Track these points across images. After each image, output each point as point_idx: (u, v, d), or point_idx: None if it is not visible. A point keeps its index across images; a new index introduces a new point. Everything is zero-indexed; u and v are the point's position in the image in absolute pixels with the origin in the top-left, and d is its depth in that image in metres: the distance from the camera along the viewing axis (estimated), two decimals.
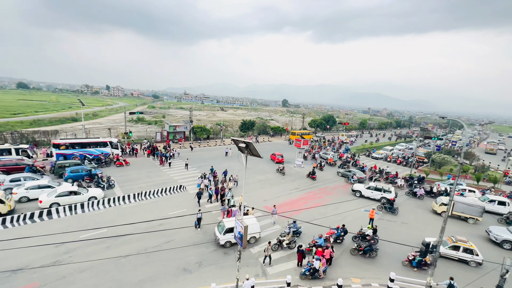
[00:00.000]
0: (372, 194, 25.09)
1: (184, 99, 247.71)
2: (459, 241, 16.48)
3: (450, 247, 16.41)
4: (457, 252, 16.19)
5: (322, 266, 13.39)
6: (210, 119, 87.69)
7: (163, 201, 21.48)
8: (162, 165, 31.20)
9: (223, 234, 15.25)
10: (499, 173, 40.41)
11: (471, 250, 15.98)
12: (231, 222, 15.28)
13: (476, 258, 15.83)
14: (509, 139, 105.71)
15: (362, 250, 15.52)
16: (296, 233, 17.04)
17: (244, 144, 9.39)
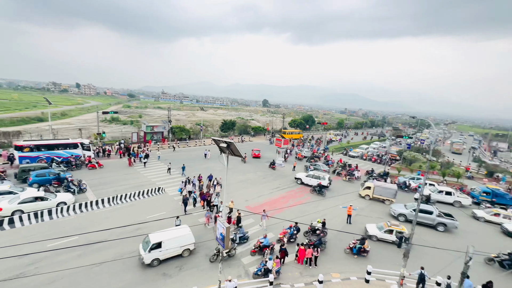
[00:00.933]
0: (310, 181, 28.05)
1: (162, 98, 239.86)
2: (393, 225, 18.15)
3: (385, 231, 18.00)
4: (391, 235, 17.76)
5: (275, 266, 13.17)
6: (189, 119, 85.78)
7: (140, 205, 20.59)
8: (131, 166, 29.99)
9: (148, 251, 13.22)
10: (461, 168, 43.89)
11: (402, 233, 17.50)
12: (158, 236, 13.83)
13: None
14: (469, 137, 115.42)
15: (312, 245, 15.45)
16: (242, 239, 16.17)
17: (225, 144, 9.25)
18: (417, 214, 13.72)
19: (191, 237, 14.72)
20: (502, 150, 77.50)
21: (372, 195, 25.97)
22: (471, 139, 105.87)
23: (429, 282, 13.57)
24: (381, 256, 16.40)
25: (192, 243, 14.70)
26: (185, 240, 14.44)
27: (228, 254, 14.73)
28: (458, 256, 14.97)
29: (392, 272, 14.39)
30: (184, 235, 14.49)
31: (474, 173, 43.33)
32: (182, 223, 16.64)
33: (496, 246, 18.27)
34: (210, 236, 16.51)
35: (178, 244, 14.21)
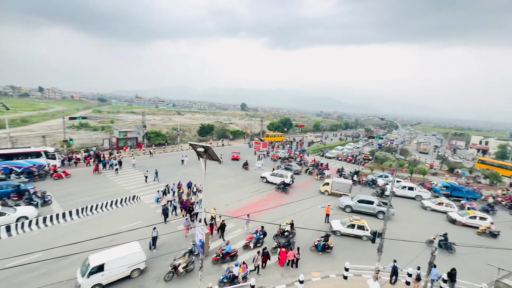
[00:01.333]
0: (274, 179, 29.59)
1: (136, 102, 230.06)
2: (354, 220, 19.29)
3: (348, 226, 19.08)
4: (353, 229, 18.92)
5: (241, 272, 12.88)
6: (166, 124, 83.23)
7: (113, 215, 19.47)
8: (97, 173, 28.53)
9: (88, 276, 11.57)
10: (427, 166, 47.42)
11: (363, 226, 18.83)
12: (100, 257, 12.30)
13: (367, 233, 18.62)
14: (432, 137, 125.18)
15: (282, 247, 15.41)
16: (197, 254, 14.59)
17: (202, 149, 9.13)
18: (390, 206, 14.53)
19: (142, 255, 13.14)
20: (461, 148, 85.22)
21: (330, 190, 27.87)
22: (434, 139, 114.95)
23: (401, 274, 14.38)
24: (351, 251, 17.11)
25: (142, 261, 13.16)
26: (134, 258, 12.79)
27: (186, 269, 13.47)
28: (418, 246, 16.14)
29: (368, 267, 15.07)
30: (132, 253, 12.83)
31: (438, 169, 47.03)
32: (161, 233, 16.01)
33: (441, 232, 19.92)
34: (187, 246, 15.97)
35: (125, 264, 12.54)
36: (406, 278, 14.27)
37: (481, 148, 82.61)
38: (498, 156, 65.61)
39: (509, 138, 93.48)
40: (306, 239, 18.04)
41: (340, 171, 36.86)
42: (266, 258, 14.31)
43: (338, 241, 18.14)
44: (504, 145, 67.28)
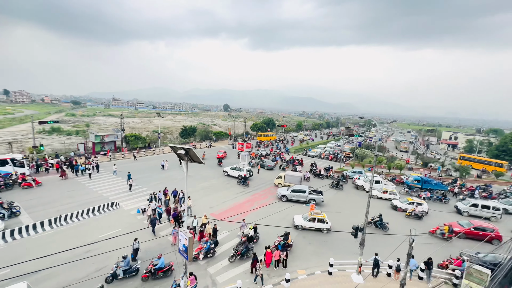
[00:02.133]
0: (233, 173, 31.77)
1: (114, 105, 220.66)
2: (315, 214, 19.73)
3: (309, 220, 19.53)
4: (314, 223, 19.42)
5: (190, 285, 11.98)
6: (146, 127, 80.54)
7: (90, 224, 18.44)
8: (65, 178, 27.39)
9: None
10: (403, 161, 49.82)
11: (323, 220, 19.39)
12: None
13: (326, 226, 19.31)
14: (408, 134, 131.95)
15: (239, 254, 14.97)
16: (129, 272, 13.28)
17: (183, 151, 8.88)
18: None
19: None
20: (433, 143, 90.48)
21: (283, 183, 29.28)
22: (409, 135, 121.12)
23: (383, 266, 14.94)
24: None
25: None
26: None
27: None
28: (402, 239, 16.85)
29: (351, 262, 15.48)
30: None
31: (413, 164, 49.56)
32: (144, 239, 15.38)
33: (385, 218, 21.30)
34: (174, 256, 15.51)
35: None
36: (387, 270, 14.82)
37: (451, 143, 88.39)
38: (467, 150, 70.52)
39: (475, 133, 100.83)
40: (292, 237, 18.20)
41: (312, 166, 38.17)
42: (255, 263, 14.01)
43: (323, 238, 18.50)
44: (471, 140, 72.44)
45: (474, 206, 24.55)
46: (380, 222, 20.44)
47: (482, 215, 23.62)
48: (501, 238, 19.22)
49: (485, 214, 23.85)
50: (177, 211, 18.90)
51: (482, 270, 11.70)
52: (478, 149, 63.62)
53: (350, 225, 14.82)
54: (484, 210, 24.04)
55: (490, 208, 24.00)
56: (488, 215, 23.80)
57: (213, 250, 15.64)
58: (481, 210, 24.11)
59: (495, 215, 23.71)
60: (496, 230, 19.54)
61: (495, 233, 19.29)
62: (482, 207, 24.20)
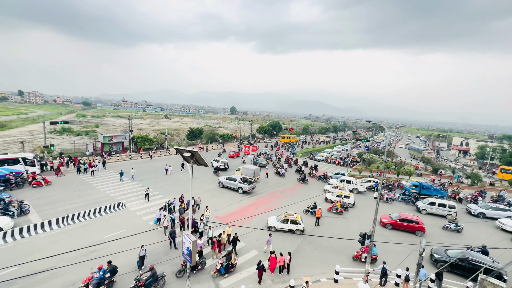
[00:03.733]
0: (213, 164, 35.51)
1: (123, 106, 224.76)
2: (288, 215, 19.45)
3: (282, 221, 19.22)
4: (287, 224, 19.11)
5: None
6: (153, 128, 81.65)
7: (97, 224, 18.61)
8: (58, 176, 28.17)
9: None
10: (412, 167, 48.76)
11: (296, 221, 19.06)
12: None
13: (299, 227, 19.02)
14: (416, 139, 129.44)
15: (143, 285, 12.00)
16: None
17: (189, 153, 8.84)
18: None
19: None
20: (443, 149, 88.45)
21: (241, 174, 31.89)
22: (418, 140, 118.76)
23: (391, 275, 14.49)
24: (341, 254, 17.12)
25: None
26: None
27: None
28: (413, 249, 16.33)
29: (357, 270, 15.08)
30: None
31: (423, 170, 48.43)
32: (155, 246, 15.39)
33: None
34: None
35: None
36: (395, 280, 14.37)
37: (462, 149, 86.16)
38: (478, 157, 68.53)
39: (487, 139, 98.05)
40: (297, 243, 17.92)
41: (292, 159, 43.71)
42: (262, 272, 13.80)
43: (329, 244, 18.10)
44: (483, 146, 70.37)
45: (431, 204, 25.59)
46: (314, 210, 22.58)
47: (439, 213, 25.04)
48: (424, 229, 20.68)
49: (441, 212, 25.03)
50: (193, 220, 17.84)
51: (499, 284, 11.18)
52: (490, 155, 61.74)
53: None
54: (441, 208, 25.12)
55: (446, 206, 24.99)
56: (444, 213, 24.91)
57: (113, 280, 12.46)
58: (437, 208, 25.22)
59: (451, 212, 24.70)
60: (420, 222, 20.90)
61: (419, 225, 20.75)
62: (439, 205, 25.24)
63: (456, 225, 22.20)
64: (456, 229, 21.98)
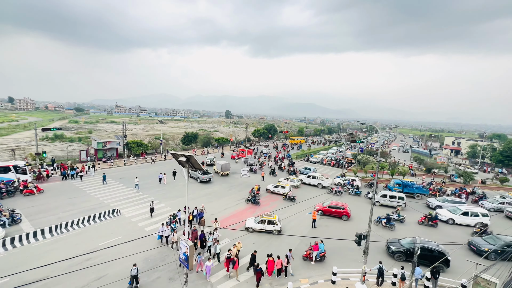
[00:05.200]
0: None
1: (116, 112, 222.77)
2: (265, 216, 19.49)
3: (259, 222, 19.23)
4: (264, 224, 19.17)
5: None
6: (148, 133, 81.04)
7: (91, 231, 18.32)
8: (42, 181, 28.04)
9: None
10: (406, 167, 49.42)
11: (273, 221, 19.15)
12: None
13: (276, 227, 19.05)
14: (409, 139, 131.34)
15: None
16: None
17: (184, 158, 8.86)
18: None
19: None
20: (436, 149, 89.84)
21: (216, 169, 36.70)
22: (411, 141, 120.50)
23: (387, 275, 14.61)
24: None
25: None
26: None
27: None
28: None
29: (355, 270, 15.17)
30: None
31: (416, 170, 49.11)
32: (151, 253, 15.21)
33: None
34: None
35: None
36: (392, 279, 14.49)
37: (454, 148, 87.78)
38: (470, 156, 69.90)
39: (478, 138, 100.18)
40: (294, 245, 17.94)
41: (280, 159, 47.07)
42: (260, 275, 13.68)
43: (327, 246, 18.14)
44: (474, 145, 71.83)
45: (383, 196, 27.59)
46: (254, 199, 25.53)
47: (390, 204, 26.97)
48: (349, 214, 22.95)
49: (392, 203, 26.93)
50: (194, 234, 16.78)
51: (491, 280, 11.40)
52: (481, 154, 63.07)
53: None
54: (391, 200, 27.12)
55: (396, 198, 27.07)
56: (395, 204, 26.76)
57: None
58: (389, 200, 27.22)
59: (400, 203, 26.63)
60: (345, 208, 23.15)
61: (344, 210, 22.99)
62: (390, 197, 27.35)
63: (398, 215, 23.38)
64: (399, 219, 23.12)
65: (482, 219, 23.32)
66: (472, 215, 23.57)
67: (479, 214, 23.54)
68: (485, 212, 23.76)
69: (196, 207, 20.86)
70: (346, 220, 22.83)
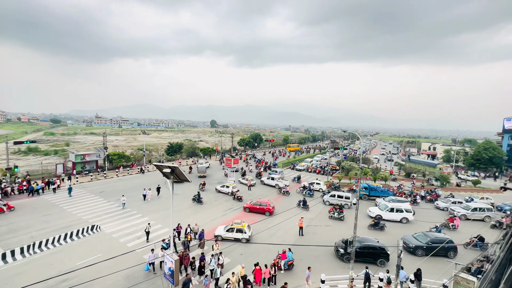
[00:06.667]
0: None
1: (96, 123, 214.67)
2: (235, 224, 19.42)
3: (227, 229, 19.14)
4: (233, 233, 19.05)
5: None
6: (130, 144, 78.61)
7: (68, 250, 17.20)
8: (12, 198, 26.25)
9: None
10: (387, 172, 51.21)
11: (241, 229, 19.02)
12: None
13: (244, 236, 18.90)
14: (389, 145, 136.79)
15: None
16: None
17: (169, 169, 8.70)
18: None
19: None
20: (414, 154, 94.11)
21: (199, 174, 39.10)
22: (391, 147, 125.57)
23: (373, 279, 14.84)
24: (326, 263, 17.31)
25: None
26: None
27: None
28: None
29: (342, 277, 15.29)
30: None
31: (397, 175, 51.00)
32: (134, 270, 14.42)
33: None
34: None
35: None
36: (378, 283, 14.72)
37: (430, 153, 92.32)
38: (445, 160, 73.76)
39: (451, 143, 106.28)
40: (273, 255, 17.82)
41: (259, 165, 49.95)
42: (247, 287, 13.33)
43: (314, 253, 18.17)
44: (448, 150, 76.03)
45: (332, 196, 29.96)
46: (198, 198, 27.55)
47: (338, 203, 28.89)
48: (271, 211, 25.08)
49: (339, 202, 29.12)
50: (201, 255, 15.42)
51: (468, 278, 11.90)
52: (455, 158, 66.80)
53: None
54: (339, 199, 29.45)
55: (343, 197, 29.47)
56: (343, 203, 28.98)
57: None
58: (337, 199, 29.50)
59: (347, 202, 29.03)
60: (268, 205, 25.26)
61: (267, 207, 25.12)
62: (338, 197, 29.67)
63: (338, 213, 25.22)
64: (339, 217, 24.96)
65: (406, 214, 25.53)
66: (398, 212, 25.65)
67: (403, 211, 25.79)
68: (409, 209, 26.10)
69: (189, 225, 18.95)
70: (268, 216, 24.50)
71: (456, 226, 23.91)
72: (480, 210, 27.13)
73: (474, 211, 27.07)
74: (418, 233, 20.40)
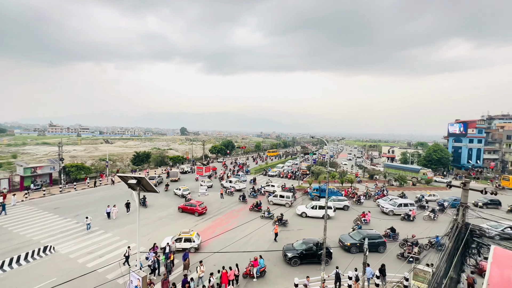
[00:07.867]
0: None
1: (50, 132, 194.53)
2: (183, 233, 18.83)
3: (176, 240, 18.34)
4: (181, 243, 18.33)
5: None
6: (91, 155, 72.54)
7: (14, 277, 15.08)
8: None
9: None
10: (353, 175, 54.38)
11: (190, 239, 18.38)
12: None
13: (193, 244, 18.32)
14: (354, 149, 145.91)
15: None
16: None
17: (134, 180, 8.24)
18: None
19: None
20: (376, 157, 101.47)
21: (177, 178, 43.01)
22: (356, 151, 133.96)
23: (343, 278, 15.46)
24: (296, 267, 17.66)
25: None
26: None
27: None
28: None
29: (315, 278, 15.69)
30: None
31: (361, 177, 54.39)
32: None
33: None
34: None
35: None
36: (347, 282, 15.37)
37: (389, 156, 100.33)
38: (402, 161, 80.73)
39: (407, 146, 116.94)
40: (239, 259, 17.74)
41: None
42: None
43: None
44: (404, 152, 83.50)
45: (275, 196, 32.36)
46: (144, 201, 28.90)
47: (280, 203, 31.54)
48: (199, 211, 26.56)
49: (281, 201, 31.66)
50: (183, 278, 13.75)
51: (425, 269, 13.06)
52: (410, 160, 73.54)
53: None
54: (281, 199, 31.87)
55: (284, 197, 31.81)
56: (284, 202, 31.50)
57: None
58: (279, 199, 31.90)
59: (287, 201, 31.39)
60: (197, 206, 26.72)
61: (196, 207, 26.62)
62: (280, 197, 32.07)
63: (268, 213, 26.69)
64: (269, 216, 26.29)
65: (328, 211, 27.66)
66: (320, 209, 27.38)
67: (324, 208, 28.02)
68: (330, 205, 27.68)
69: (168, 244, 17.17)
70: (197, 216, 26.15)
71: (368, 220, 25.85)
72: (404, 205, 29.54)
73: (399, 206, 29.39)
74: (353, 232, 21.35)
